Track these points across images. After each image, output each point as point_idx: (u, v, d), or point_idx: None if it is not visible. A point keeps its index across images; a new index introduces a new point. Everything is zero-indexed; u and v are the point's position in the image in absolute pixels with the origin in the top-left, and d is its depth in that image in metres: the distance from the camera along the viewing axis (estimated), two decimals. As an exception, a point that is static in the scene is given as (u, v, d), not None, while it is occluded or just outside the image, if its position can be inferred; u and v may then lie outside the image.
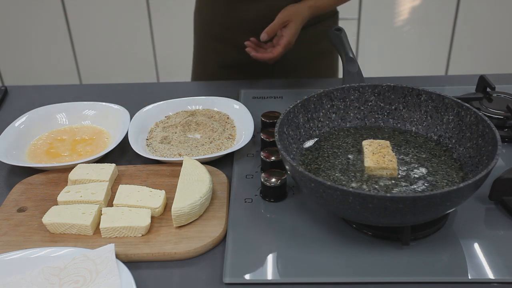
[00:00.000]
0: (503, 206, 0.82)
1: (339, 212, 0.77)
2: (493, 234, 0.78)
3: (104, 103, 1.10)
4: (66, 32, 2.49)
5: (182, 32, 2.42)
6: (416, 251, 0.75)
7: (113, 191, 0.88)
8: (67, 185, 0.89)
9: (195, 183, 0.83)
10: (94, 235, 0.79)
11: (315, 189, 0.72)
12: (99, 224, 0.79)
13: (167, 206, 0.84)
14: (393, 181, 0.80)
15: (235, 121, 1.05)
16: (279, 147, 0.77)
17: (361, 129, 0.93)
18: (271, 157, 0.89)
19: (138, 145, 0.97)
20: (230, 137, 1.00)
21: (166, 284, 0.73)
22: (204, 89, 1.21)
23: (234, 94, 1.18)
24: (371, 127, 0.94)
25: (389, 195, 0.66)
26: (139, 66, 2.57)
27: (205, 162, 0.93)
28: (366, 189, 0.78)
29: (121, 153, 0.99)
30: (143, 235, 0.78)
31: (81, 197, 0.84)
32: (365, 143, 0.87)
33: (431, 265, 0.73)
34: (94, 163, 0.94)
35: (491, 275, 0.71)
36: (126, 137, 0.99)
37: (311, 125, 0.91)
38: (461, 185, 0.68)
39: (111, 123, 1.06)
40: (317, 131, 0.92)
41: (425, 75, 1.34)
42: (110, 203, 0.86)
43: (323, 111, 0.92)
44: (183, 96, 1.13)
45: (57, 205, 0.84)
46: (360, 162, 0.84)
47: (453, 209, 0.77)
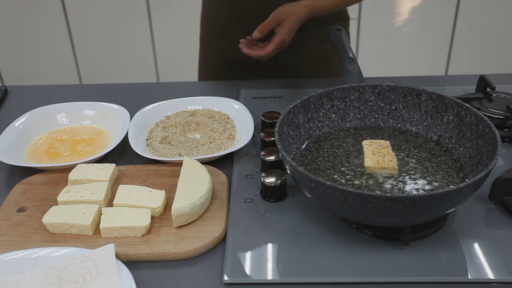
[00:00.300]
0: (503, 206, 0.82)
1: (339, 212, 0.77)
2: (493, 234, 0.78)
3: (104, 103, 1.10)
4: (66, 32, 2.49)
5: (182, 32, 2.43)
6: (416, 251, 0.75)
7: (113, 191, 0.88)
8: (67, 185, 0.89)
9: (195, 183, 0.83)
10: (94, 235, 0.79)
11: (315, 189, 0.72)
12: (99, 224, 0.79)
13: (167, 206, 0.84)
14: (393, 181, 0.80)
15: (235, 121, 1.05)
16: (279, 147, 0.77)
17: (361, 129, 0.93)
18: (271, 157, 0.89)
19: (138, 145, 0.97)
20: (230, 137, 1.00)
21: (166, 284, 0.73)
22: (204, 89, 1.21)
23: (234, 94, 1.18)
24: (371, 127, 0.94)
25: (389, 195, 0.67)
26: (139, 66, 2.57)
27: (205, 162, 0.93)
28: (366, 189, 0.78)
29: (121, 153, 0.99)
30: (143, 235, 0.78)
31: (81, 197, 0.84)
32: (365, 143, 0.87)
33: (431, 265, 0.73)
34: (94, 163, 0.94)
35: (491, 275, 0.71)
36: (126, 137, 0.99)
37: (311, 125, 0.91)
38: (461, 185, 0.68)
39: (111, 123, 1.06)
40: (317, 131, 0.92)
41: (425, 75, 1.34)
42: (110, 203, 0.86)
43: (323, 111, 0.92)
44: (183, 96, 1.13)
45: (57, 205, 0.84)
46: (360, 162, 0.84)
47: (453, 209, 0.77)
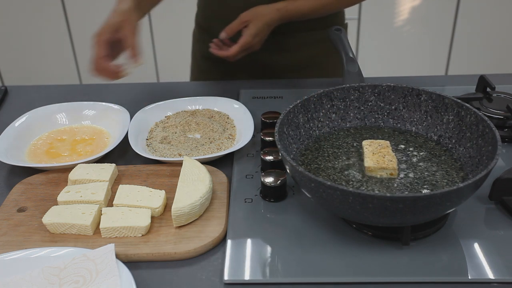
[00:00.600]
0: (503, 206, 0.82)
1: (339, 212, 0.77)
2: (493, 234, 0.78)
3: (104, 103, 1.10)
4: (66, 32, 2.49)
5: (182, 32, 2.42)
6: (416, 251, 0.75)
7: (113, 191, 0.88)
8: (67, 185, 0.89)
9: (195, 183, 0.83)
10: (94, 235, 0.79)
11: (315, 189, 0.72)
12: (99, 224, 0.79)
13: (167, 206, 0.84)
14: (393, 181, 0.80)
15: (235, 121, 1.05)
16: (279, 147, 0.77)
17: (361, 129, 0.93)
18: (271, 157, 0.89)
19: (138, 145, 0.97)
20: (230, 137, 1.00)
21: (166, 284, 0.73)
22: (204, 89, 1.21)
23: (234, 94, 1.18)
24: (371, 127, 0.94)
25: (389, 195, 0.67)
26: (139, 66, 2.57)
27: (205, 162, 0.93)
28: (366, 189, 0.78)
29: (121, 153, 0.99)
30: (143, 235, 0.78)
31: (81, 197, 0.84)
32: (365, 143, 0.87)
33: (431, 265, 0.73)
34: (94, 163, 0.94)
35: (491, 275, 0.71)
36: (126, 137, 0.99)
37: (311, 125, 0.91)
38: (461, 185, 0.68)
39: (111, 123, 1.06)
40: (317, 131, 0.92)
41: (425, 75, 1.34)
42: (110, 203, 0.86)
43: (323, 111, 0.92)
44: (183, 96, 1.13)
45: (57, 205, 0.84)
46: (360, 162, 0.84)
47: (453, 209, 0.77)
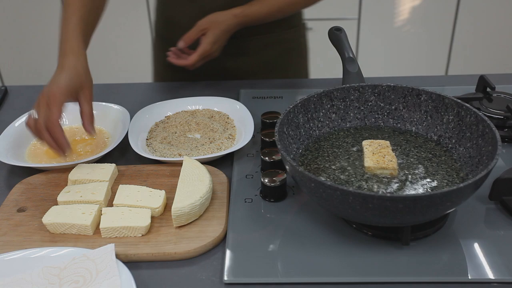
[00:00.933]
0: (503, 206, 0.82)
1: (339, 212, 0.77)
2: (493, 234, 0.78)
3: (104, 103, 1.10)
4: (66, 32, 2.49)
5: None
6: (416, 251, 0.75)
7: (113, 191, 0.88)
8: (67, 185, 0.89)
9: (195, 183, 0.83)
10: (94, 235, 0.79)
11: (315, 189, 0.72)
12: (99, 224, 0.79)
13: (167, 206, 0.84)
14: (393, 181, 0.80)
15: (235, 121, 1.05)
16: (279, 147, 0.77)
17: (361, 129, 0.93)
18: (271, 157, 0.89)
19: (138, 145, 0.97)
20: (230, 137, 1.00)
21: (166, 284, 0.73)
22: (204, 89, 1.21)
23: (234, 94, 1.18)
24: (371, 127, 0.94)
25: (389, 195, 0.67)
26: (139, 66, 2.57)
27: (205, 162, 0.93)
28: (366, 189, 0.78)
29: (121, 153, 0.99)
30: (143, 235, 0.78)
31: (81, 197, 0.84)
32: (365, 143, 0.87)
33: (431, 265, 0.73)
34: (94, 163, 0.94)
35: (491, 275, 0.71)
36: (126, 137, 0.99)
37: (311, 125, 0.91)
38: (461, 185, 0.68)
39: (111, 123, 1.06)
40: (317, 131, 0.92)
41: (425, 75, 1.34)
42: (110, 203, 0.86)
43: (323, 111, 0.92)
44: (183, 96, 1.13)
45: (57, 205, 0.84)
46: (360, 162, 0.84)
47: (453, 209, 0.77)
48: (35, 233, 0.80)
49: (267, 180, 0.84)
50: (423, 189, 0.78)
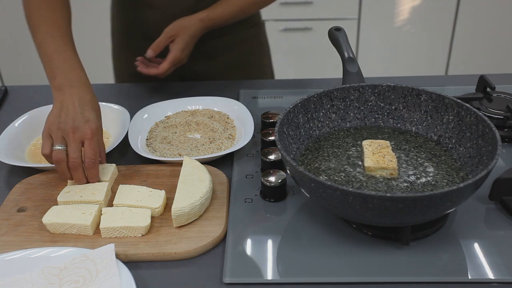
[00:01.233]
0: (503, 206, 0.82)
1: (339, 212, 0.77)
2: (493, 234, 0.78)
3: (104, 103, 1.09)
4: (66, 32, 2.49)
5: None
6: (416, 251, 0.75)
7: (113, 191, 0.88)
8: (67, 185, 0.89)
9: (195, 183, 0.83)
10: (94, 235, 0.79)
11: (315, 189, 0.72)
12: (99, 224, 0.79)
13: (167, 206, 0.84)
14: (393, 181, 0.80)
15: (235, 121, 1.05)
16: (279, 147, 0.77)
17: (361, 129, 0.93)
18: (271, 157, 0.89)
19: (138, 145, 0.97)
20: (230, 137, 1.00)
21: (166, 284, 0.73)
22: (204, 89, 1.21)
23: (234, 94, 1.18)
24: (371, 127, 0.94)
25: (389, 195, 0.66)
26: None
27: (205, 162, 0.93)
28: (366, 189, 0.78)
29: (121, 153, 0.99)
30: (143, 235, 0.78)
31: (81, 197, 0.84)
32: (365, 143, 0.87)
33: (431, 265, 0.73)
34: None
35: (491, 275, 0.71)
36: (126, 137, 0.99)
37: (311, 125, 0.91)
38: (461, 185, 0.67)
39: (111, 123, 1.06)
40: (317, 131, 0.92)
41: (425, 75, 1.34)
42: (110, 203, 0.86)
43: (323, 111, 0.92)
44: (183, 96, 1.13)
45: (57, 205, 0.84)
46: (360, 162, 0.84)
47: (453, 209, 0.77)
48: (35, 233, 0.80)
49: (267, 180, 0.84)
50: (423, 189, 0.78)
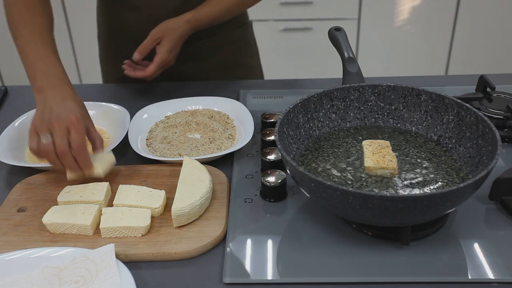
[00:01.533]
0: (503, 206, 0.82)
1: (339, 212, 0.77)
2: (493, 234, 0.78)
3: (104, 103, 1.10)
4: (66, 32, 2.49)
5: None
6: (416, 251, 0.75)
7: (113, 191, 0.88)
8: (67, 185, 0.89)
9: (195, 183, 0.83)
10: (94, 235, 0.79)
11: (315, 189, 0.72)
12: (99, 224, 0.79)
13: (167, 206, 0.84)
14: (393, 181, 0.80)
15: (235, 121, 1.05)
16: (279, 147, 0.77)
17: (361, 129, 0.93)
18: (271, 157, 0.89)
19: (138, 145, 0.97)
20: (230, 137, 1.00)
21: (166, 284, 0.73)
22: (204, 89, 1.21)
23: (234, 94, 1.18)
24: (371, 127, 0.94)
25: (389, 195, 0.67)
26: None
27: (205, 162, 0.93)
28: (366, 189, 0.78)
29: (121, 153, 0.99)
30: (143, 235, 0.78)
31: (81, 197, 0.84)
32: (365, 143, 0.87)
33: (431, 265, 0.73)
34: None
35: (491, 275, 0.71)
36: (126, 137, 0.99)
37: (311, 125, 0.91)
38: (461, 185, 0.68)
39: (111, 123, 1.06)
40: (317, 131, 0.92)
41: (425, 75, 1.34)
42: (110, 203, 0.86)
43: (323, 111, 0.92)
44: (183, 96, 1.13)
45: (57, 205, 0.84)
46: (360, 162, 0.84)
47: (453, 209, 0.77)
48: (35, 233, 0.80)
49: (267, 180, 0.84)
50: (423, 189, 0.78)
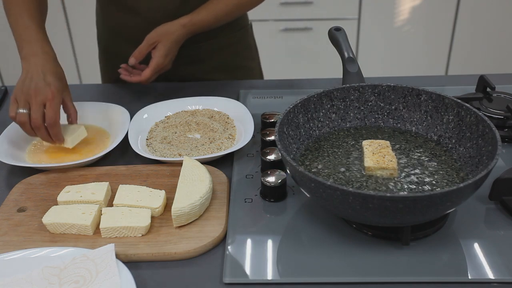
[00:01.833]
0: (503, 206, 0.82)
1: (339, 212, 0.77)
2: (493, 234, 0.78)
3: (104, 103, 1.10)
4: (66, 32, 2.49)
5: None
6: (416, 251, 0.75)
7: (113, 191, 0.88)
8: (67, 185, 0.89)
9: (195, 183, 0.83)
10: (94, 235, 0.79)
11: (315, 189, 0.72)
12: (99, 224, 0.79)
13: (167, 206, 0.84)
14: (393, 181, 0.80)
15: (235, 121, 1.05)
16: (279, 147, 0.77)
17: (361, 129, 0.93)
18: (271, 157, 0.89)
19: (138, 145, 0.97)
20: (230, 137, 1.00)
21: (166, 284, 0.73)
22: (204, 89, 1.21)
23: (234, 94, 1.18)
24: (371, 127, 0.94)
25: (389, 195, 0.66)
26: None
27: (205, 162, 0.93)
28: (366, 189, 0.78)
29: (121, 153, 0.99)
30: (143, 235, 0.78)
31: (81, 197, 0.84)
32: (365, 143, 0.87)
33: (431, 265, 0.73)
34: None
35: (491, 275, 0.71)
36: (126, 137, 0.99)
37: (311, 125, 0.91)
38: (461, 185, 0.68)
39: (111, 123, 1.06)
40: (317, 131, 0.92)
41: (425, 75, 1.34)
42: (110, 203, 0.86)
43: (323, 111, 0.92)
44: (183, 96, 1.13)
45: (57, 205, 0.84)
46: (360, 162, 0.84)
47: (453, 209, 0.77)
48: (35, 233, 0.80)
49: (267, 180, 0.84)
50: (423, 189, 0.78)
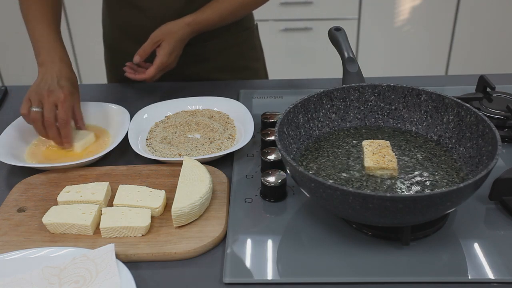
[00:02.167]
0: (503, 206, 0.82)
1: (339, 212, 0.77)
2: (493, 234, 0.78)
3: (104, 103, 1.10)
4: (66, 32, 2.49)
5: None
6: (416, 251, 0.75)
7: (113, 191, 0.88)
8: (67, 185, 0.89)
9: (195, 183, 0.83)
10: (94, 235, 0.79)
11: (315, 189, 0.72)
12: (99, 224, 0.79)
13: (167, 206, 0.84)
14: (393, 181, 0.80)
15: (235, 121, 1.05)
16: (279, 147, 0.77)
17: (361, 129, 0.93)
18: (271, 157, 0.89)
19: (138, 145, 0.97)
20: (230, 137, 1.00)
21: (166, 284, 0.73)
22: (204, 89, 1.21)
23: (234, 94, 1.18)
24: (371, 127, 0.94)
25: (389, 195, 0.67)
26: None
27: (205, 162, 0.93)
28: (366, 189, 0.78)
29: (121, 153, 0.99)
30: (143, 235, 0.78)
31: (81, 197, 0.84)
32: (365, 143, 0.87)
33: (431, 265, 0.73)
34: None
35: (491, 275, 0.71)
36: (126, 137, 0.99)
37: (311, 125, 0.91)
38: (461, 185, 0.68)
39: (111, 123, 1.06)
40: (317, 131, 0.92)
41: (425, 75, 1.34)
42: (110, 203, 0.86)
43: (323, 111, 0.92)
44: (183, 96, 1.13)
45: (57, 205, 0.84)
46: (360, 162, 0.84)
47: (453, 209, 0.77)
48: (35, 233, 0.80)
49: (267, 180, 0.84)
50: (423, 189, 0.78)
